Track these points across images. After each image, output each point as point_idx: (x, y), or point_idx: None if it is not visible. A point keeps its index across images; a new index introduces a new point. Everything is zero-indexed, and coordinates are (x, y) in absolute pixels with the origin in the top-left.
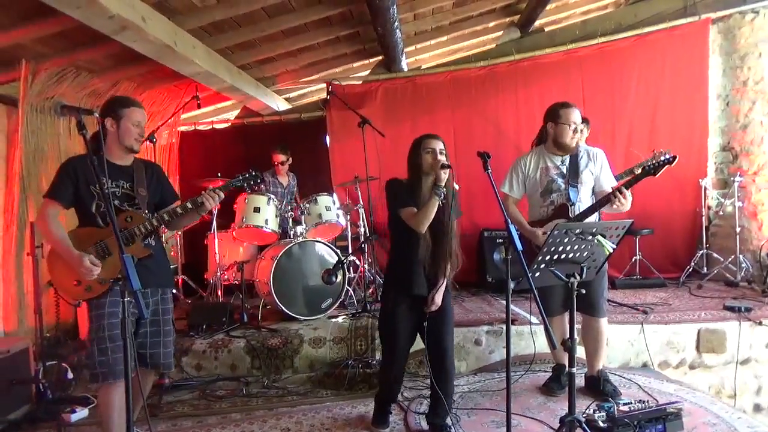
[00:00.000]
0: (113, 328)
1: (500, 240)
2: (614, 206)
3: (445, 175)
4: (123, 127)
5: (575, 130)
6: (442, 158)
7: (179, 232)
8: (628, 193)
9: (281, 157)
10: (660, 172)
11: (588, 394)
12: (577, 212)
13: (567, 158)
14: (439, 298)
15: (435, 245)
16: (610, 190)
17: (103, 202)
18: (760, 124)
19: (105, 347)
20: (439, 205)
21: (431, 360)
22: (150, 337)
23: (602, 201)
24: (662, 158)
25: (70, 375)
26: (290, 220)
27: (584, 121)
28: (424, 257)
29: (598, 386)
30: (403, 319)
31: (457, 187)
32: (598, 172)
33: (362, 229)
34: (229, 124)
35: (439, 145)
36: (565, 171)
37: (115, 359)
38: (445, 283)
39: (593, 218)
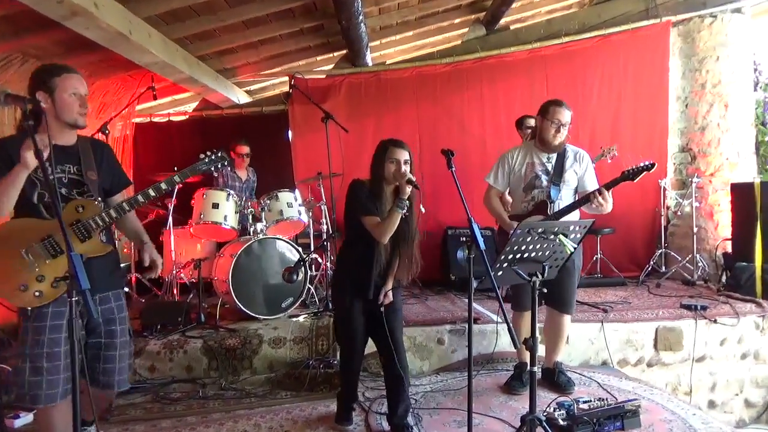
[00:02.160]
0: (54, 344)
1: (464, 238)
2: (594, 206)
3: (409, 189)
4: (59, 100)
5: (558, 129)
6: (406, 170)
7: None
8: (608, 194)
9: (245, 149)
10: (639, 178)
11: (543, 385)
12: (556, 209)
13: (554, 157)
14: (390, 295)
15: (393, 255)
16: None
17: (46, 190)
18: (717, 126)
19: (40, 366)
20: (402, 216)
21: (385, 355)
22: (104, 350)
23: (581, 200)
24: (641, 164)
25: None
26: (250, 217)
27: None
28: (381, 264)
29: (553, 378)
30: (357, 318)
31: (422, 210)
32: (582, 173)
33: (325, 227)
34: (187, 116)
35: (404, 156)
36: (550, 168)
37: (51, 381)
38: (392, 279)
39: (573, 216)
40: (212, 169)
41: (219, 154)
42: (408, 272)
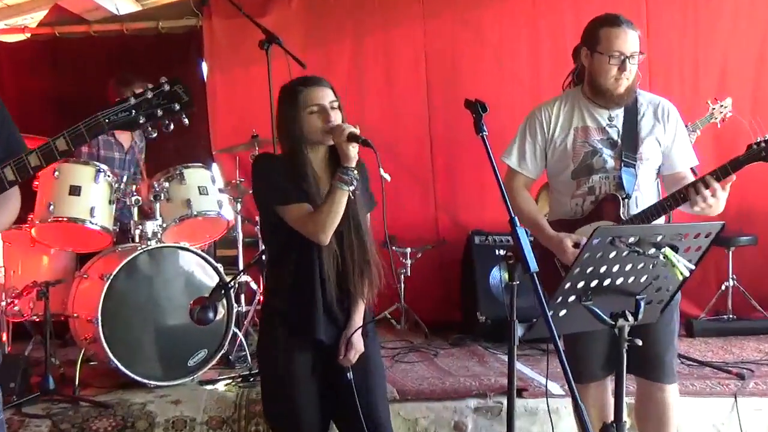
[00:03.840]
0: None
1: (501, 251)
2: (696, 207)
3: (354, 151)
4: None
5: (622, 66)
6: (337, 118)
7: None
8: (718, 187)
9: (128, 92)
10: None
11: None
12: (633, 211)
13: (619, 114)
14: (359, 341)
15: (345, 257)
16: (688, 174)
17: None
18: None
19: None
20: (350, 196)
21: None
22: None
23: (676, 195)
24: None
25: None
26: (135, 211)
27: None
28: (329, 277)
29: None
30: (305, 386)
31: (387, 178)
32: (669, 142)
33: None
34: (28, 36)
35: (327, 96)
36: (616, 136)
37: None
38: (362, 311)
39: (659, 222)
40: (144, 122)
41: (169, 88)
42: (370, 286)
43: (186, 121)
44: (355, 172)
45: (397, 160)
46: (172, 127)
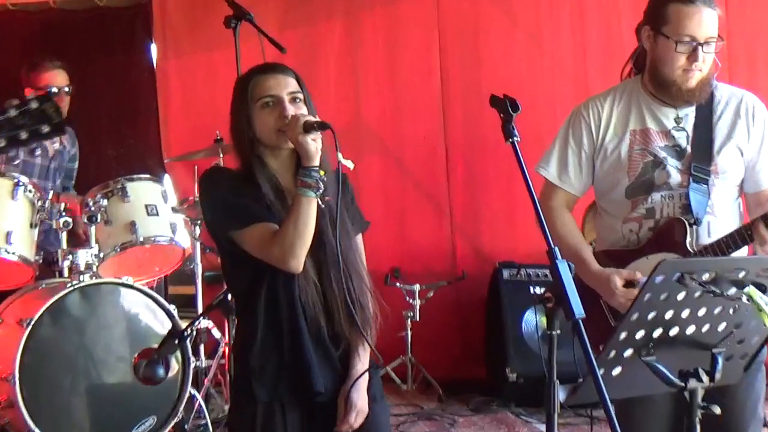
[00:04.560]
0: None
1: (537, 289)
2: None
3: (315, 144)
4: None
5: (693, 55)
6: (293, 110)
7: None
8: None
9: (56, 78)
10: None
11: None
12: (704, 240)
13: (689, 114)
14: (361, 398)
15: (326, 291)
16: None
17: None
18: None
19: None
20: (319, 205)
21: None
22: None
23: (753, 224)
24: None
25: None
26: (63, 236)
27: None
28: (312, 310)
29: None
30: None
31: (350, 165)
32: (754, 152)
33: None
34: None
35: (286, 86)
36: (685, 143)
37: None
38: (366, 359)
39: (741, 254)
40: (3, 147)
41: (36, 106)
42: (363, 329)
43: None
44: (321, 173)
45: (402, 169)
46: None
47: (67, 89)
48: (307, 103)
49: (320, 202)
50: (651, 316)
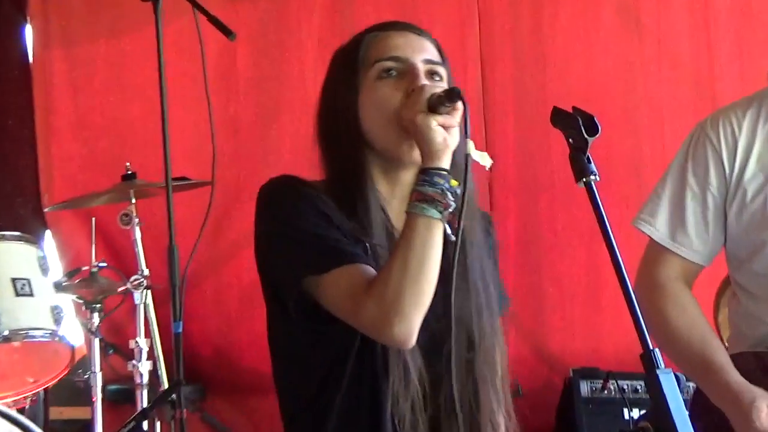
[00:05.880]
0: None
1: (632, 412)
2: None
3: (443, 133)
4: None
5: None
6: (429, 86)
7: None
8: None
9: None
10: None
11: None
12: None
13: None
14: None
15: (436, 372)
16: None
17: None
18: None
19: None
20: (447, 236)
21: None
22: None
23: None
24: None
25: None
26: None
27: None
28: (413, 415)
29: None
30: None
31: (486, 163)
32: None
33: (148, 366)
34: None
35: (424, 52)
36: None
37: None
38: None
39: None
40: None
41: None
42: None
43: None
44: (454, 183)
45: None
46: None
47: None
48: (449, 83)
49: (448, 230)
50: None
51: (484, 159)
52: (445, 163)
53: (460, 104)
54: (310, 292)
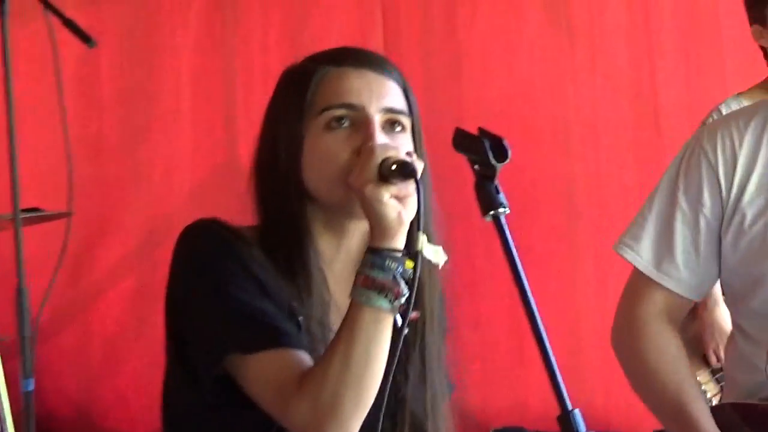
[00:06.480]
0: None
1: None
2: None
3: (396, 206)
4: None
5: None
6: (389, 145)
7: None
8: None
9: None
10: None
11: None
12: None
13: None
14: None
15: None
16: None
17: None
18: None
19: None
20: (397, 328)
21: None
22: None
23: None
24: None
25: None
26: None
27: None
28: None
29: None
30: None
31: (440, 261)
32: None
33: (6, 430)
34: None
35: (384, 97)
36: None
37: None
38: None
39: None
40: None
41: None
42: None
43: None
44: (408, 264)
45: None
46: None
47: None
48: (415, 135)
49: (398, 321)
50: None
51: (437, 255)
52: (399, 242)
53: (412, 185)
54: (230, 371)
